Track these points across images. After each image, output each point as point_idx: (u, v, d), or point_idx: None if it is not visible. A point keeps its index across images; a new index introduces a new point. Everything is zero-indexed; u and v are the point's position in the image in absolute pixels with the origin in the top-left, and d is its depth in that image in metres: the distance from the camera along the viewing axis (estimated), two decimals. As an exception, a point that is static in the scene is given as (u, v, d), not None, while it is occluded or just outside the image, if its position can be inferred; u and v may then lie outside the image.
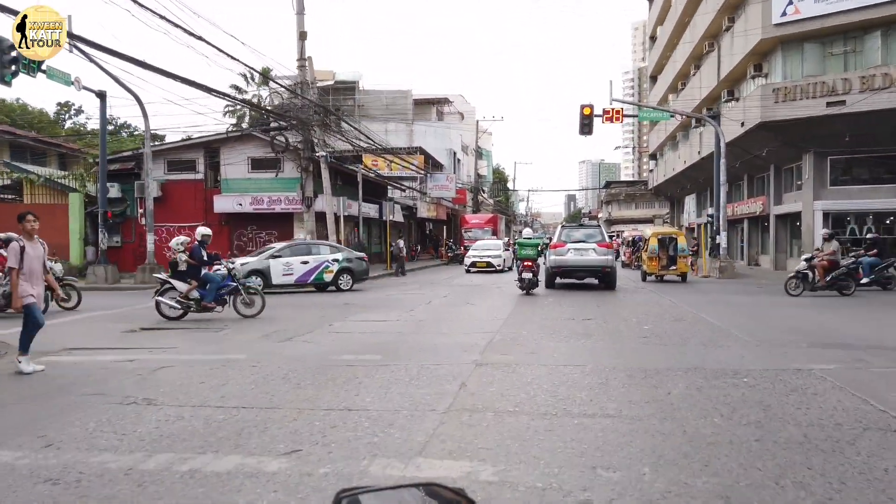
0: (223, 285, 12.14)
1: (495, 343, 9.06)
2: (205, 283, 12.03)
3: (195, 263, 12.00)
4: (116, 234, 27.09)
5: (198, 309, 11.96)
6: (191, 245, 12.27)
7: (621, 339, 9.37)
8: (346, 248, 20.77)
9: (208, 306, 12.00)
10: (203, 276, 12.01)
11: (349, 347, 8.79)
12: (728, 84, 32.78)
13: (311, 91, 23.08)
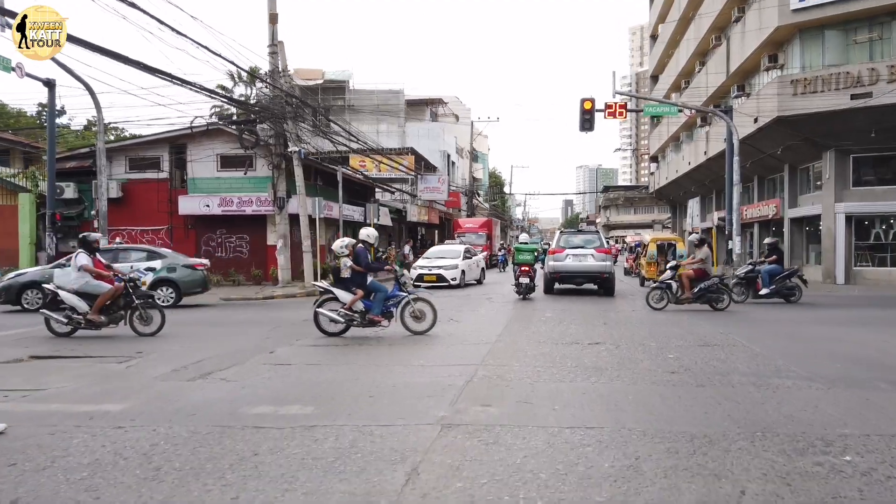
0: (391, 295, 10.50)
1: (477, 383, 6.76)
2: (371, 292, 10.38)
3: (360, 270, 10.29)
4: (72, 239, 24.68)
5: (363, 323, 10.32)
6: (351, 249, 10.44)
7: (643, 377, 7.07)
8: (173, 254, 17.51)
9: (375, 319, 10.35)
10: (370, 284, 10.37)
11: (276, 391, 6.49)
12: (738, 78, 30.63)
13: (282, 79, 20.81)
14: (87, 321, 10.40)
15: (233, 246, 24.62)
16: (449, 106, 63.39)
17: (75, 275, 10.62)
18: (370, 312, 10.29)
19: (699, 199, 44.02)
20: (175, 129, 23.64)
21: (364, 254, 10.37)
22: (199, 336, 10.84)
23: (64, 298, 10.43)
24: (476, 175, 70.08)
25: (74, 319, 10.42)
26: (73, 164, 24.61)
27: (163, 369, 7.70)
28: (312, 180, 27.50)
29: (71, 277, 10.76)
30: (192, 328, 11.94)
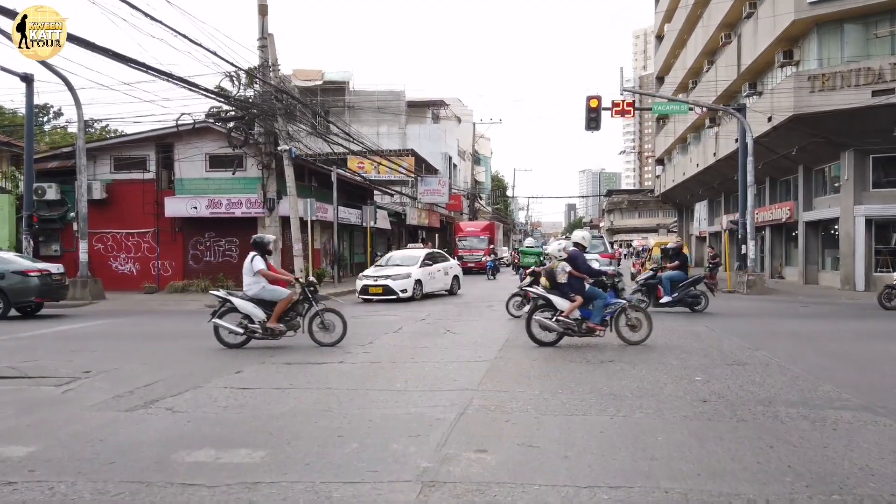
0: (609, 303, 9.75)
1: (471, 416, 5.60)
2: (590, 299, 9.64)
3: (578, 275, 9.65)
4: (55, 242, 23.69)
5: (579, 332, 9.58)
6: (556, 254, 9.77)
7: (670, 407, 5.91)
8: (8, 258, 15.70)
9: (593, 327, 9.61)
10: (588, 291, 9.67)
11: (227, 426, 5.34)
12: (750, 76, 29.48)
13: (272, 74, 19.71)
14: (264, 329, 9.57)
15: (222, 249, 23.51)
16: (451, 108, 62.36)
17: (250, 280, 9.70)
18: (590, 320, 9.60)
19: (707, 203, 42.95)
20: (162, 128, 22.55)
21: (582, 257, 9.85)
22: (162, 351, 9.70)
23: (238, 306, 9.54)
24: (478, 178, 69.02)
25: (250, 328, 9.58)
26: (55, 164, 23.53)
27: (103, 395, 6.57)
28: (307, 181, 26.44)
29: (246, 283, 9.80)
30: (157, 342, 10.81)
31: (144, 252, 23.64)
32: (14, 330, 12.39)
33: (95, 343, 10.60)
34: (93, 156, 23.16)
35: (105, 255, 23.56)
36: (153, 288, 22.58)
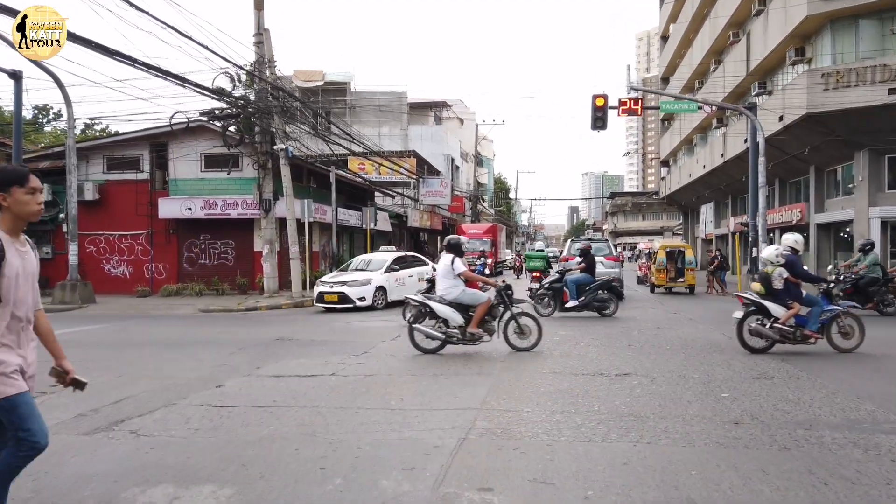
0: (826, 309, 9.31)
1: (473, 442, 4.92)
2: (808, 305, 9.21)
3: (795, 281, 9.26)
4: (46, 244, 23.02)
5: (794, 339, 9.15)
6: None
7: (699, 431, 5.22)
8: None
9: (808, 335, 9.15)
10: (806, 297, 9.26)
11: (194, 454, 4.67)
12: (759, 75, 28.79)
13: (268, 71, 19.07)
14: (463, 334, 9.23)
15: (217, 252, 22.85)
16: (453, 109, 61.75)
17: (449, 283, 9.33)
18: (806, 327, 9.12)
19: (713, 205, 42.22)
20: (155, 127, 21.90)
21: (799, 262, 9.40)
22: (143, 360, 9.04)
23: (437, 311, 9.20)
24: (481, 180, 68.37)
25: (449, 333, 9.22)
26: (46, 164, 22.89)
27: (65, 414, 5.91)
28: (305, 182, 25.79)
29: (444, 286, 9.35)
30: (141, 350, 10.15)
31: (138, 254, 23.00)
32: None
33: (73, 351, 9.81)
34: (85, 155, 22.57)
35: (97, 258, 22.92)
36: (146, 291, 21.94)
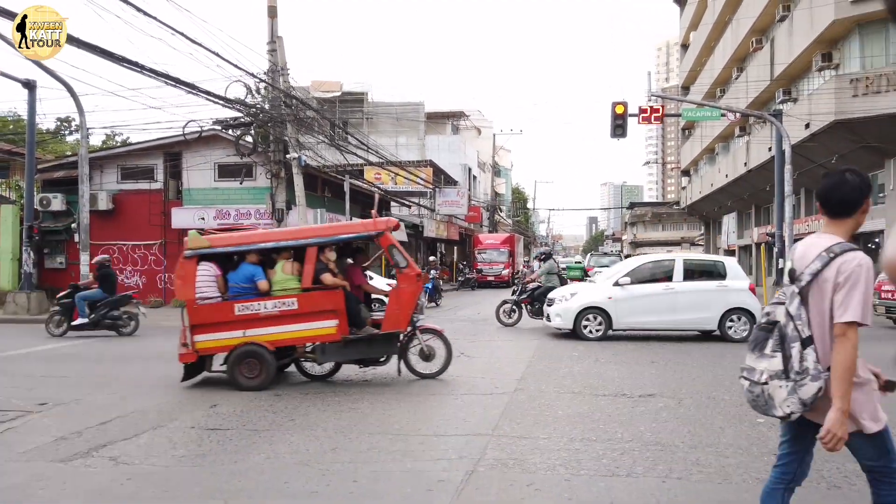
0: None
1: (482, 479, 4.42)
2: None
3: None
4: (60, 254, 22.93)
5: None
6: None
7: (735, 466, 4.68)
8: None
9: None
10: None
11: (170, 489, 4.22)
12: (784, 83, 28.09)
13: (282, 79, 18.81)
14: None
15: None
16: (471, 119, 61.44)
17: None
18: None
19: (736, 215, 41.42)
20: (169, 136, 21.74)
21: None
22: (140, 376, 8.64)
23: None
24: (498, 190, 67.96)
25: None
26: (61, 174, 22.83)
27: (45, 437, 5.49)
28: (320, 192, 25.52)
29: None
30: (139, 365, 9.76)
31: (151, 265, 22.79)
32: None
33: (71, 366, 9.60)
34: (99, 165, 22.45)
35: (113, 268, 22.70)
36: (159, 302, 21.70)
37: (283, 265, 7.81)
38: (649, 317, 12.13)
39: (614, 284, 12.28)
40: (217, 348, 7.67)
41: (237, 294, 7.70)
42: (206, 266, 7.76)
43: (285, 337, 7.57)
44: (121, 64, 12.67)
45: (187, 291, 7.53)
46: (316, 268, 7.63)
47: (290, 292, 7.63)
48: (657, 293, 12.18)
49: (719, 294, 12.12)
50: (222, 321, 7.56)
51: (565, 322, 12.33)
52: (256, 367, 7.41)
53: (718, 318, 12.04)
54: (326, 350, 7.65)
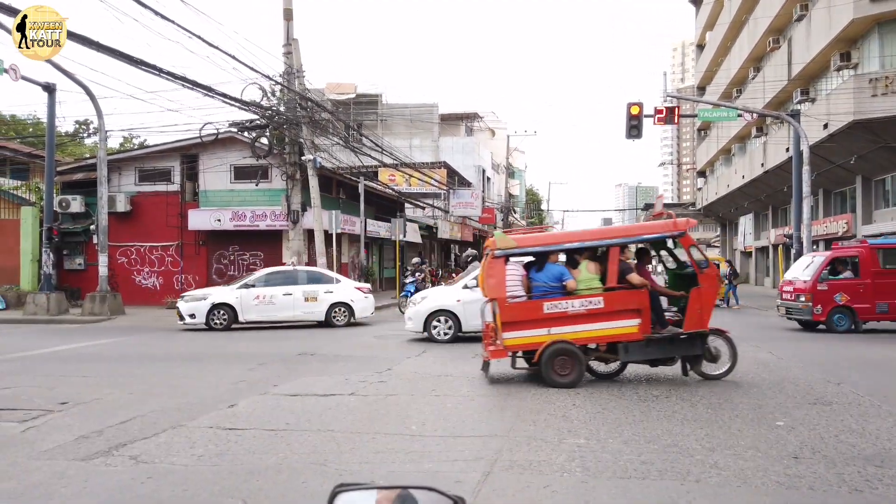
0: None
1: (497, 481, 4.42)
2: None
3: None
4: (79, 256, 23.22)
5: None
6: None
7: (753, 469, 4.63)
8: None
9: None
10: None
11: (189, 488, 4.27)
12: (802, 83, 27.84)
13: (297, 81, 18.93)
14: None
15: (246, 263, 22.73)
16: (485, 121, 61.38)
17: None
18: None
19: (752, 216, 41.06)
20: (186, 139, 21.95)
21: None
22: (159, 376, 8.74)
23: None
24: (512, 191, 67.83)
25: None
26: (80, 176, 23.12)
27: (66, 436, 5.57)
28: (335, 193, 25.64)
29: None
30: (159, 365, 9.86)
31: (168, 266, 23.02)
32: (11, 348, 11.61)
33: (91, 366, 9.72)
34: (117, 167, 22.73)
35: (129, 269, 23.00)
36: (175, 302, 21.88)
37: (586, 265, 7.98)
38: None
39: (464, 287, 12.54)
40: (524, 345, 7.80)
41: (545, 293, 7.84)
42: (514, 265, 7.98)
43: (588, 335, 7.70)
44: (139, 67, 12.84)
45: (499, 290, 7.69)
46: (620, 268, 7.78)
47: (595, 291, 7.79)
48: None
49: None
50: (530, 319, 7.72)
51: (416, 325, 12.50)
52: (568, 366, 7.55)
53: None
54: (629, 349, 7.75)
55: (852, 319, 14.26)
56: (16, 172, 30.45)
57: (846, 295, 14.28)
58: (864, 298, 14.19)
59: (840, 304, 14.24)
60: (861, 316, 14.28)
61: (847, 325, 14.26)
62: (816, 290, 14.47)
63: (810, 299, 14.51)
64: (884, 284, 14.21)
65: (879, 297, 14.09)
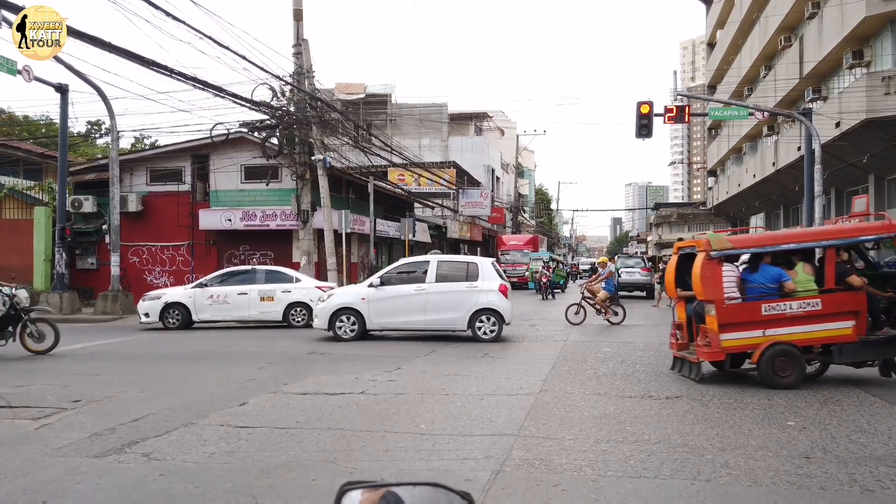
0: None
1: (508, 479, 4.43)
2: None
3: None
4: (91, 255, 23.39)
5: None
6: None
7: (764, 469, 4.62)
8: None
9: None
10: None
11: (200, 485, 4.30)
12: (813, 81, 27.61)
13: (307, 81, 18.99)
14: None
15: (257, 263, 22.81)
16: (494, 120, 61.36)
17: None
18: None
19: (764, 215, 40.81)
20: (197, 139, 22.07)
21: None
22: (170, 374, 8.80)
23: None
24: (522, 191, 67.77)
25: None
26: (92, 176, 23.30)
27: (79, 433, 5.62)
28: (345, 193, 25.71)
29: None
30: (169, 363, 9.93)
31: (179, 265, 23.15)
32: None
33: (103, 364, 9.80)
34: (129, 168, 22.88)
35: (140, 269, 23.15)
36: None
37: (802, 266, 8.00)
38: (401, 317, 12.39)
39: (369, 286, 12.59)
40: (741, 347, 7.81)
41: (761, 294, 7.85)
42: (729, 267, 8.00)
43: (804, 336, 7.70)
44: (150, 68, 12.93)
45: (715, 292, 7.71)
46: (837, 269, 7.79)
47: (812, 293, 7.81)
48: (409, 294, 12.38)
49: (469, 295, 12.22)
50: (747, 321, 7.73)
51: (321, 322, 12.51)
52: (788, 367, 7.55)
53: (468, 319, 12.16)
54: (843, 351, 7.74)
55: None
56: (29, 173, 30.72)
57: None
58: None
59: None
60: None
61: None
62: None
63: None
64: None
65: None
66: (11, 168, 30.41)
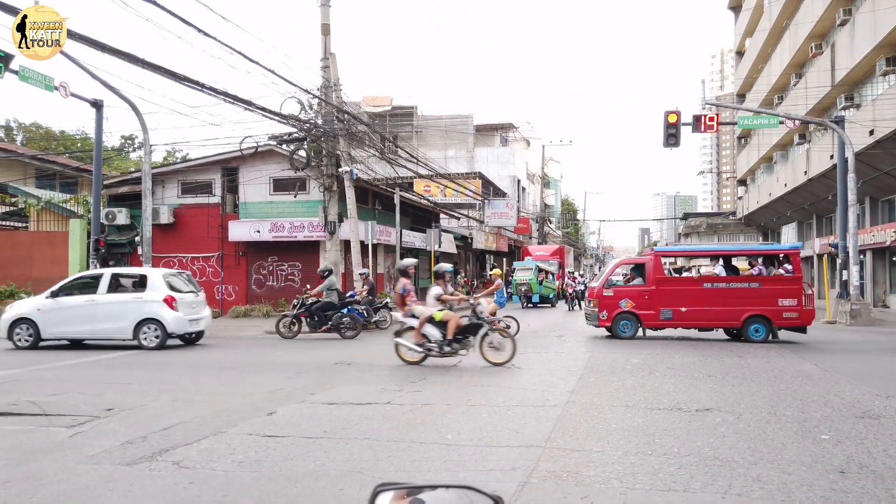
0: None
1: (535, 491, 4.40)
2: None
3: None
4: (124, 266, 23.81)
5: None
6: None
7: (798, 483, 4.52)
8: None
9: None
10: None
11: (229, 494, 4.35)
12: (845, 88, 27.13)
13: (334, 94, 19.21)
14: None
15: (284, 274, 23.10)
16: (520, 131, 61.34)
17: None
18: None
19: (796, 225, 40.09)
20: (227, 152, 22.47)
21: None
22: (200, 383, 8.92)
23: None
24: (548, 201, 67.52)
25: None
26: (125, 189, 23.82)
27: (112, 441, 5.72)
28: (371, 204, 25.90)
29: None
30: (200, 373, 10.07)
31: (209, 276, 23.50)
32: (59, 356, 11.96)
33: (136, 373, 9.98)
34: (161, 181, 23.35)
35: (171, 280, 23.51)
36: (217, 313, 22.26)
37: None
38: (74, 326, 12.80)
39: (46, 297, 12.90)
40: None
41: None
42: None
43: None
44: (182, 83, 13.22)
45: None
46: None
47: None
48: (80, 304, 12.80)
49: (135, 305, 12.65)
50: None
51: (1, 332, 12.92)
52: None
53: (132, 328, 12.62)
54: None
55: (637, 326, 14.36)
56: (65, 186, 31.54)
57: (631, 301, 14.34)
58: (648, 305, 14.21)
59: (625, 310, 14.34)
60: (646, 323, 14.35)
61: (632, 332, 14.34)
62: (602, 295, 14.64)
63: (597, 305, 14.66)
64: (668, 292, 14.20)
65: (664, 304, 14.07)
66: (48, 181, 31.26)
